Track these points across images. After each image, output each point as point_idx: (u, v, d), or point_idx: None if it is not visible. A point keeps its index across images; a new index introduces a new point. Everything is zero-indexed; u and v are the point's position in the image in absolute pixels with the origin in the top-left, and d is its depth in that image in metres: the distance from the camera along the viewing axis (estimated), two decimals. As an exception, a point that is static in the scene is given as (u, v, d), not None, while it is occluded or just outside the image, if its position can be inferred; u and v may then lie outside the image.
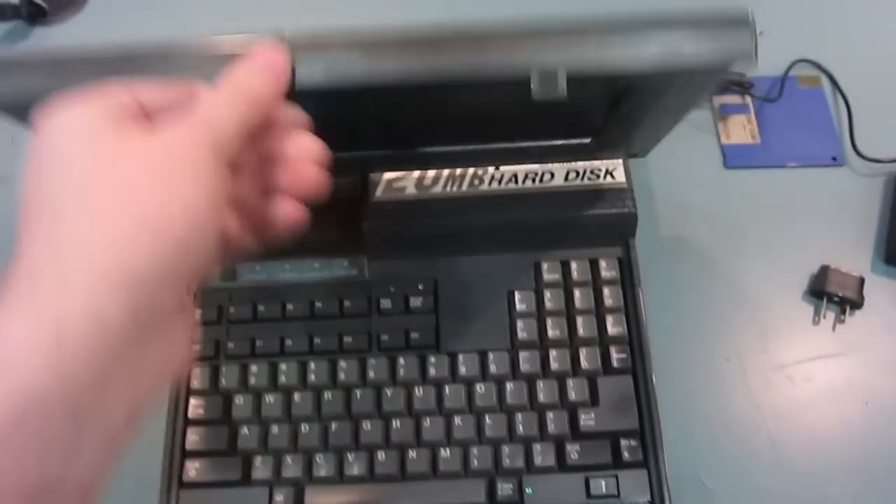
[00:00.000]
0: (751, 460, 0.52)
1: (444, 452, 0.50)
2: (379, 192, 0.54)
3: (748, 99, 0.64)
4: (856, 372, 0.54)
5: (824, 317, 0.56)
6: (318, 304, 0.53)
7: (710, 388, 0.54)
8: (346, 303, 0.53)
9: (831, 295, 0.56)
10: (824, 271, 0.56)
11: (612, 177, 0.53)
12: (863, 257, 0.58)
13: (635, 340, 0.52)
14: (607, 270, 0.53)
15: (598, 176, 0.53)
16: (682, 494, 0.49)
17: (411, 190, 0.54)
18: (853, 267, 0.57)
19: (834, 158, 0.62)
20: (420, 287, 0.54)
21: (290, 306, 0.54)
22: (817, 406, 0.53)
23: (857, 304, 0.56)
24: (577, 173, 0.53)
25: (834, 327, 0.56)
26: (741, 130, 0.63)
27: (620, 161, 0.54)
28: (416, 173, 0.54)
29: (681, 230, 0.59)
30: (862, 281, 0.56)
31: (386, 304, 0.53)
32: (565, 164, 0.54)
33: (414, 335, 0.52)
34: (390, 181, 0.54)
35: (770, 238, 0.59)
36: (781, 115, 0.64)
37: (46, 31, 0.73)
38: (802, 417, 0.53)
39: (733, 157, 0.62)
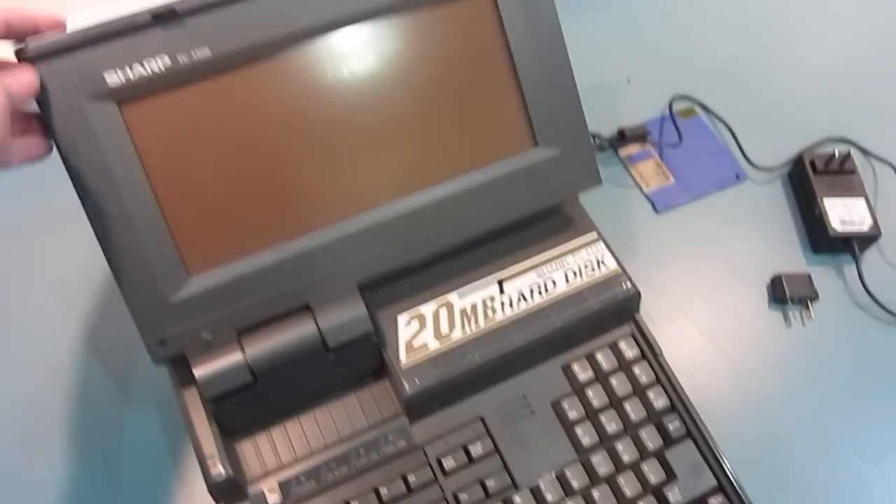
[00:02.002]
0: (794, 466, 0.57)
1: (568, 582, 0.50)
2: (402, 356, 0.52)
3: (648, 145, 0.70)
4: (843, 352, 0.62)
5: (794, 318, 0.63)
6: (384, 490, 0.51)
7: (732, 417, 0.59)
8: (411, 477, 0.52)
9: (791, 297, 0.63)
10: (778, 280, 0.64)
11: (605, 265, 0.56)
12: (796, 254, 0.66)
13: (678, 405, 0.55)
14: (629, 349, 0.56)
15: (592, 268, 0.56)
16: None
17: (433, 344, 0.53)
18: (795, 265, 0.65)
19: (738, 176, 0.69)
20: (472, 432, 0.53)
21: None
22: (834, 397, 0.60)
23: (814, 297, 0.63)
24: (575, 272, 0.56)
25: (804, 323, 0.63)
26: (655, 175, 0.69)
27: (604, 246, 0.57)
28: (431, 325, 0.53)
29: (641, 282, 0.63)
30: (810, 276, 0.64)
31: (449, 462, 0.52)
32: (560, 266, 0.56)
33: (490, 482, 0.52)
34: (409, 342, 0.53)
35: (718, 265, 0.65)
36: (680, 151, 0.70)
37: None
38: (825, 412, 0.60)
39: (660, 202, 0.68)
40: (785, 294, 0.63)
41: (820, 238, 0.66)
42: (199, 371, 0.48)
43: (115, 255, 0.47)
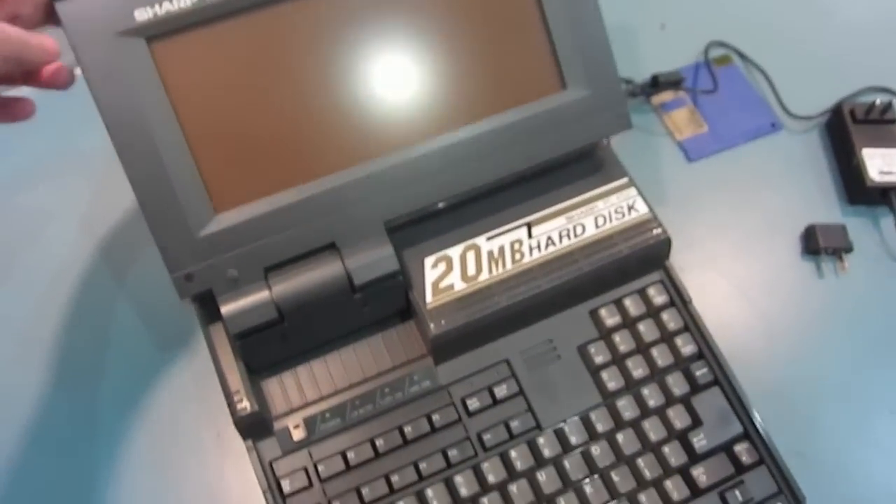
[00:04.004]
0: (827, 420, 0.57)
1: (590, 523, 0.50)
2: (429, 298, 0.52)
3: (681, 93, 0.69)
4: (877, 305, 0.60)
5: (826, 269, 0.62)
6: (408, 429, 0.52)
7: (767, 367, 0.58)
8: (435, 416, 0.52)
9: (825, 248, 0.62)
10: (812, 230, 0.62)
11: (636, 210, 0.55)
12: (832, 205, 0.65)
13: (707, 352, 0.55)
14: (658, 296, 0.56)
15: (623, 214, 0.55)
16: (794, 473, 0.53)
17: (460, 285, 0.53)
18: (830, 217, 0.63)
19: (773, 125, 0.68)
20: (497, 374, 0.53)
21: (379, 442, 0.51)
22: (865, 348, 0.59)
23: (848, 249, 0.62)
24: (605, 217, 0.55)
25: (837, 275, 0.62)
26: (688, 123, 0.68)
27: (635, 192, 0.56)
28: (458, 267, 0.53)
29: (673, 231, 0.62)
30: (845, 227, 0.62)
31: (473, 403, 0.52)
32: (591, 212, 0.55)
33: (514, 423, 0.52)
34: (435, 283, 0.53)
35: (751, 215, 0.64)
36: (715, 99, 0.69)
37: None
38: (857, 362, 0.58)
39: (693, 150, 0.66)
40: (818, 245, 0.61)
41: (856, 189, 0.64)
42: (226, 308, 0.49)
43: (143, 191, 0.48)
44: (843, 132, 0.66)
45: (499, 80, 0.52)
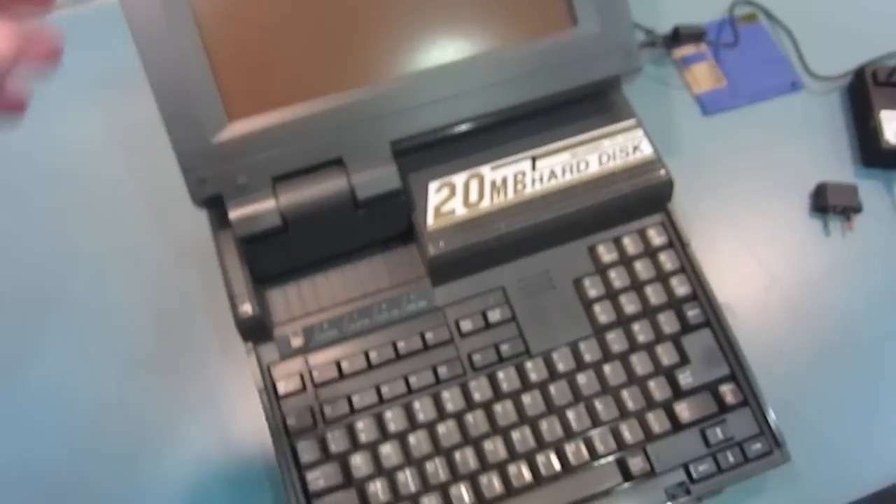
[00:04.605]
0: (819, 372, 0.57)
1: (570, 447, 0.51)
2: (430, 220, 0.54)
3: (704, 47, 0.69)
4: (879, 267, 0.60)
5: (833, 228, 0.62)
6: (401, 344, 0.53)
7: (761, 318, 0.59)
8: (428, 334, 0.54)
9: (834, 207, 0.62)
10: (822, 188, 0.62)
11: (641, 150, 0.56)
12: (846, 166, 0.65)
13: (701, 294, 0.55)
14: (657, 237, 0.56)
15: (627, 153, 0.56)
16: (776, 419, 0.53)
17: (461, 210, 0.54)
18: (842, 177, 0.63)
19: (793, 84, 0.68)
20: (492, 300, 0.55)
21: (373, 354, 0.53)
22: (859, 307, 0.59)
23: (857, 209, 0.62)
24: (609, 156, 0.56)
25: (844, 234, 0.62)
26: (707, 78, 0.68)
27: (642, 133, 0.57)
28: (460, 193, 0.54)
29: (682, 183, 0.63)
30: (856, 188, 0.62)
31: (466, 325, 0.54)
32: (596, 149, 0.56)
33: (504, 347, 0.53)
34: (437, 207, 0.54)
35: (763, 170, 0.64)
36: (737, 56, 0.69)
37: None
38: (850, 320, 0.59)
39: (709, 104, 0.67)
40: (827, 203, 0.62)
41: (872, 151, 0.64)
42: (234, 213, 0.51)
43: (163, 97, 0.50)
44: (863, 94, 0.65)
45: (511, 13, 0.54)
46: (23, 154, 0.64)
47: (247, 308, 0.52)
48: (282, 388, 0.52)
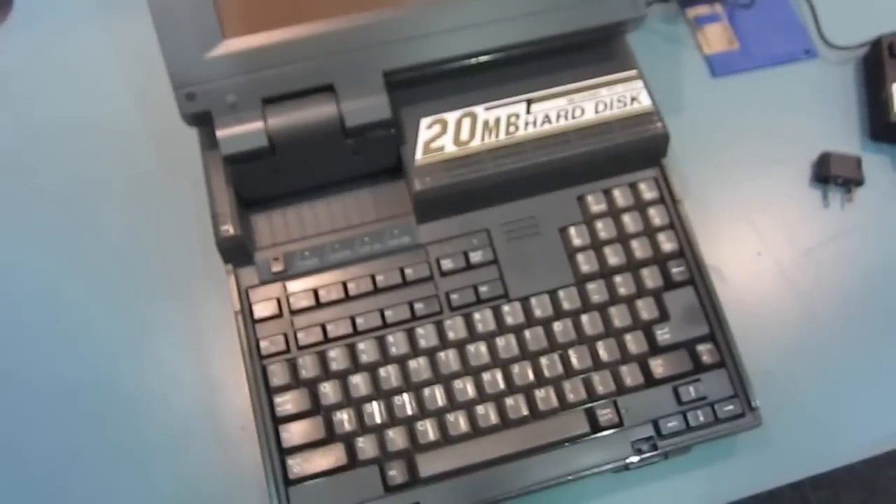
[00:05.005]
0: (803, 341, 0.56)
1: (540, 393, 0.51)
2: (418, 155, 0.53)
3: (719, 7, 0.67)
4: (873, 242, 0.59)
5: (833, 199, 0.61)
6: (380, 278, 0.53)
7: (750, 283, 0.58)
8: (408, 270, 0.53)
9: (836, 177, 0.60)
10: (825, 157, 0.61)
11: (639, 101, 0.55)
12: (853, 138, 0.63)
13: (688, 252, 0.55)
14: (648, 192, 0.56)
15: (625, 103, 0.55)
16: (754, 385, 0.52)
17: (450, 148, 0.54)
18: (847, 149, 0.62)
19: (807, 52, 0.66)
20: (475, 241, 0.54)
21: (351, 285, 0.53)
22: (848, 279, 0.58)
23: (859, 181, 0.61)
24: (605, 104, 0.55)
25: (843, 206, 0.61)
26: (719, 39, 0.66)
27: (642, 84, 0.56)
28: (451, 131, 0.54)
29: (685, 143, 0.62)
30: (860, 160, 0.61)
31: (447, 264, 0.54)
32: (592, 97, 0.55)
33: (483, 289, 0.53)
34: (427, 143, 0.54)
35: (768, 136, 0.63)
36: (751, 19, 0.67)
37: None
38: (837, 292, 0.58)
39: (718, 66, 0.65)
40: (829, 173, 0.60)
41: (881, 124, 0.62)
42: (221, 131, 0.51)
43: (159, 11, 0.50)
44: (878, 66, 0.63)
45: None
46: (23, 70, 0.64)
47: (228, 228, 0.52)
48: (258, 311, 0.53)
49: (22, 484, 0.52)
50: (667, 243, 0.54)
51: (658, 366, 0.52)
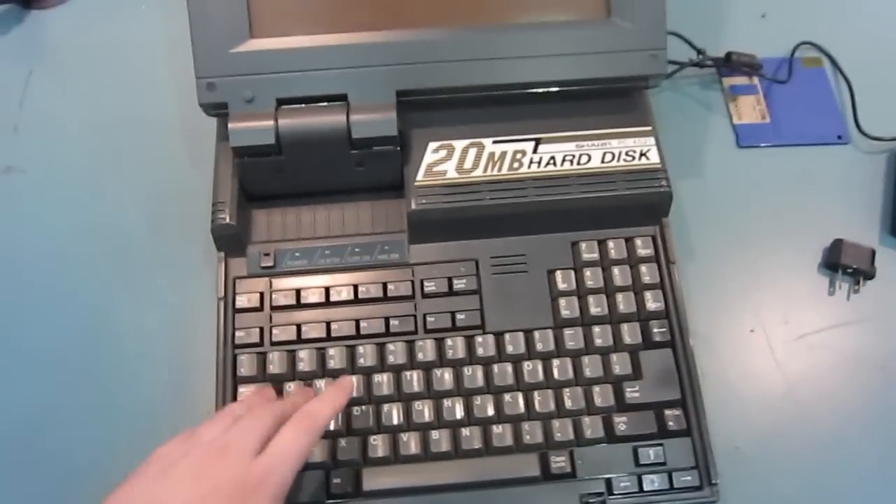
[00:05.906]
0: (780, 425, 0.54)
1: (497, 429, 0.51)
2: (420, 176, 0.54)
3: (756, 80, 0.67)
4: (872, 338, 0.57)
5: (839, 287, 0.59)
6: (363, 289, 0.54)
7: (737, 358, 0.57)
8: (391, 286, 0.54)
9: (846, 267, 0.59)
10: (838, 244, 0.59)
11: (647, 157, 0.55)
12: (871, 231, 0.61)
13: (673, 315, 0.54)
14: (643, 248, 0.55)
15: (634, 157, 0.55)
16: (719, 460, 0.51)
17: (452, 173, 0.54)
18: (863, 240, 0.60)
19: (839, 137, 0.65)
20: (462, 269, 0.55)
21: (333, 292, 0.54)
22: (838, 371, 0.56)
23: (869, 274, 0.59)
24: (613, 155, 0.55)
25: (849, 297, 0.59)
26: (752, 111, 0.66)
27: (653, 141, 0.55)
28: (456, 157, 0.55)
29: (699, 207, 0.61)
30: (874, 252, 0.59)
31: (430, 286, 0.54)
32: (602, 146, 0.55)
33: (460, 316, 0.53)
34: (430, 165, 0.54)
35: (784, 214, 0.62)
36: (788, 96, 0.66)
37: (41, 15, 0.71)
38: (825, 383, 0.56)
39: (745, 136, 0.65)
40: (840, 260, 0.59)
41: (902, 220, 0.60)
42: (233, 123, 0.53)
43: (195, 3, 0.52)
44: (908, 162, 0.62)
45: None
46: (78, 45, 0.68)
47: (224, 217, 0.53)
48: (240, 301, 0.54)
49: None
50: (652, 302, 0.54)
51: (622, 422, 0.51)
